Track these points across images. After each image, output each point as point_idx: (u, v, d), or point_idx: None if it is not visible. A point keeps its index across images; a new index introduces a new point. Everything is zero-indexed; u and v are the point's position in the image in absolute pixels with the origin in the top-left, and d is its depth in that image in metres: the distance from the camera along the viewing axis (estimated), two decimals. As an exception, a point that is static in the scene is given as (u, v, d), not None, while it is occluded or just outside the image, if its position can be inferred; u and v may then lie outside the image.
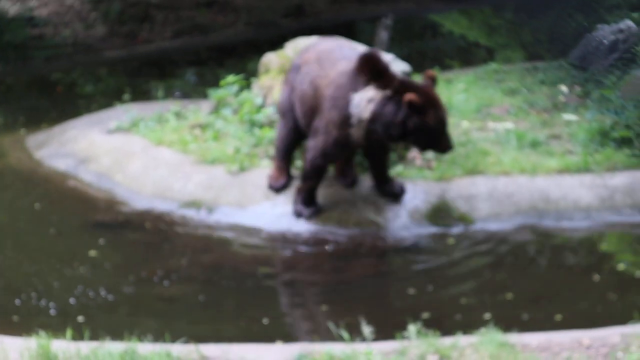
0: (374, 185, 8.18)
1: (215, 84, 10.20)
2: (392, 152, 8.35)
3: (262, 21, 16.85)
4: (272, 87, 9.36)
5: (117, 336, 5.64)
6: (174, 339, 5.59)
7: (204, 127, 9.51)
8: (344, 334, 5.51)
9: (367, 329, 5.45)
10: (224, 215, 8.29)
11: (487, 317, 6.27)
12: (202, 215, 8.33)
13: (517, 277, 7.23)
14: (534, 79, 10.82)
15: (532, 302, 6.78)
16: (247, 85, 9.95)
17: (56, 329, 5.76)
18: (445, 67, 12.28)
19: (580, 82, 10.44)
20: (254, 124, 9.22)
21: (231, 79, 9.95)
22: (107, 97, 12.36)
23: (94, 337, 5.67)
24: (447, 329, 5.74)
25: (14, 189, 9.33)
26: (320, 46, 8.15)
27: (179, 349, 5.37)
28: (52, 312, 6.59)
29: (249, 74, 10.32)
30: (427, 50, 16.06)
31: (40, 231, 8.20)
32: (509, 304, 6.70)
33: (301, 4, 17.43)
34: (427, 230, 7.96)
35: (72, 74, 14.78)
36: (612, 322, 5.89)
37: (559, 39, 11.70)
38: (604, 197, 8.20)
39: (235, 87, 9.87)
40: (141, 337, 5.61)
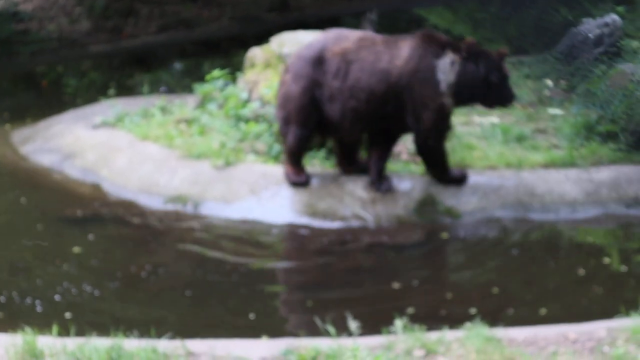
0: (371, 180, 8.15)
1: (200, 79, 10.18)
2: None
3: (247, 16, 16.82)
4: (258, 81, 9.35)
5: (103, 332, 5.62)
6: (159, 335, 5.58)
7: (189, 121, 9.49)
8: (330, 329, 5.50)
9: (353, 324, 5.44)
10: (209, 210, 8.28)
11: (472, 311, 6.28)
12: (188, 209, 8.32)
13: (502, 271, 7.25)
14: (519, 72, 10.81)
15: (518, 296, 6.80)
16: (233, 79, 9.93)
17: (42, 325, 5.73)
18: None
19: (565, 76, 10.46)
20: (239, 119, 9.21)
21: (216, 73, 9.93)
22: (93, 92, 12.31)
23: (80, 333, 5.65)
24: (433, 323, 5.74)
25: (-2, 185, 9.30)
26: (349, 35, 8.11)
27: (165, 344, 5.35)
28: (37, 308, 6.57)
29: (234, 68, 10.30)
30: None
31: (25, 226, 8.16)
32: (495, 298, 6.71)
33: (286, -1, 17.44)
34: (413, 224, 7.97)
35: (57, 69, 14.73)
36: (598, 316, 5.89)
37: (544, 33, 11.70)
38: (589, 191, 8.22)
39: (220, 82, 9.85)
40: (127, 333, 5.61)
